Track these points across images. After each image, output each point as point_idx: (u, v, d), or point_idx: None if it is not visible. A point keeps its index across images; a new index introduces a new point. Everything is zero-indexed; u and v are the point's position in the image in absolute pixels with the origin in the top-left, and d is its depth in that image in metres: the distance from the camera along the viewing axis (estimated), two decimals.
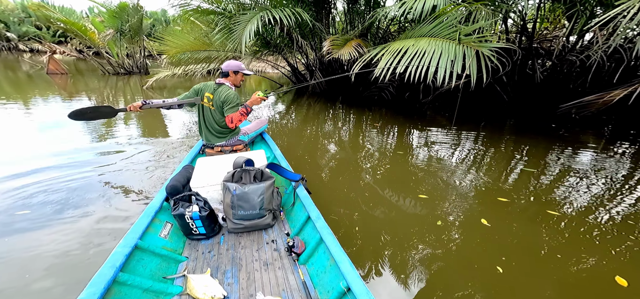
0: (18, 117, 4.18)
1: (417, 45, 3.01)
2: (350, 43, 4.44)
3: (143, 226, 1.32)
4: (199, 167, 1.78)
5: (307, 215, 1.52)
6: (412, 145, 3.70)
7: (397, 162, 3.06)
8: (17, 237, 1.75)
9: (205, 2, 5.38)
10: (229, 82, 2.16)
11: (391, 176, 2.76)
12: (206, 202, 1.50)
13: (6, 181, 2.32)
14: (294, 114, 5.39)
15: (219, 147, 2.27)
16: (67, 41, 16.74)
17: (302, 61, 6.95)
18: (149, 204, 1.51)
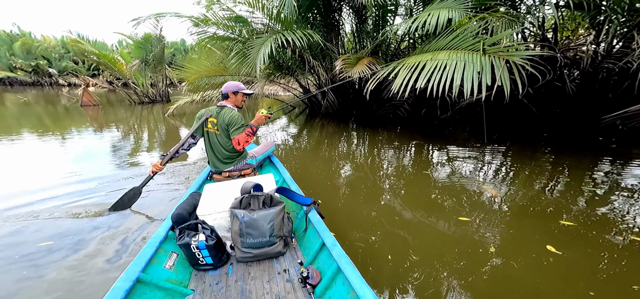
0: (54, 148, 4.21)
1: (436, 59, 2.80)
2: (362, 61, 4.32)
3: (146, 258, 1.23)
4: (206, 194, 1.68)
5: (321, 241, 1.40)
6: (438, 163, 3.39)
7: (424, 182, 2.76)
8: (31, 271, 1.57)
9: (220, 29, 5.51)
10: (230, 104, 2.07)
11: (419, 197, 2.46)
12: (213, 230, 1.40)
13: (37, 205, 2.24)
14: (305, 135, 5.23)
15: (226, 173, 2.15)
16: (100, 74, 17.96)
17: (314, 82, 6.92)
18: (154, 234, 1.41)
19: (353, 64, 4.35)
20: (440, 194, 2.49)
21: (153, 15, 4.61)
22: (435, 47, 3.10)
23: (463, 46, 2.76)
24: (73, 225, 1.99)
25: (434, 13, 3.29)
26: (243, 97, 2.13)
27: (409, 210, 2.21)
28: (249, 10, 5.18)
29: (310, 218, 1.56)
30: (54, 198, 2.38)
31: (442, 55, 2.80)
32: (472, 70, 2.41)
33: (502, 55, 2.35)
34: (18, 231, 1.91)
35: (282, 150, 4.21)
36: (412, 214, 2.14)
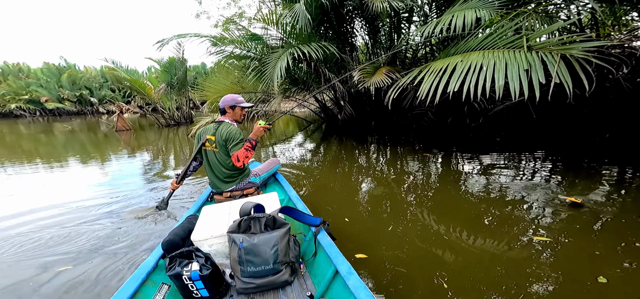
0: (92, 170, 4.27)
1: (467, 61, 2.46)
2: (380, 70, 4.04)
3: (129, 292, 1.04)
4: (203, 217, 1.49)
5: (334, 268, 1.19)
6: (475, 174, 2.95)
7: (466, 197, 2.35)
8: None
9: (237, 48, 5.52)
10: (228, 119, 1.93)
11: (456, 214, 2.06)
12: (208, 258, 1.20)
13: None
14: (321, 151, 4.95)
15: (228, 193, 1.97)
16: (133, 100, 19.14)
17: (330, 96, 6.72)
18: (142, 264, 1.22)
19: (371, 74, 4.08)
20: (491, 209, 2.07)
21: (175, 36, 4.68)
22: (465, 49, 2.75)
23: (500, 45, 2.39)
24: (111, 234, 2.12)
25: (459, 14, 2.96)
26: (242, 111, 1.98)
27: (443, 227, 1.82)
28: (264, 27, 5.16)
29: (320, 241, 1.35)
30: (96, 208, 2.60)
31: (475, 56, 2.45)
32: (516, 69, 2.03)
33: (555, 49, 1.96)
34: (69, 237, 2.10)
35: (297, 167, 3.94)
36: (449, 232, 1.75)
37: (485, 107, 3.87)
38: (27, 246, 1.98)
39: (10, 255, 1.90)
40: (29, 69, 19.22)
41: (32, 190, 3.36)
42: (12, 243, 2.05)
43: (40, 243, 2.01)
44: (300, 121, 9.28)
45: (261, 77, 4.48)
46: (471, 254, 1.61)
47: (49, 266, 1.74)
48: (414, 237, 1.84)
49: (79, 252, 1.87)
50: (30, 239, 2.08)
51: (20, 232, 2.19)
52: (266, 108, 6.25)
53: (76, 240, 2.03)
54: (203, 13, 10.09)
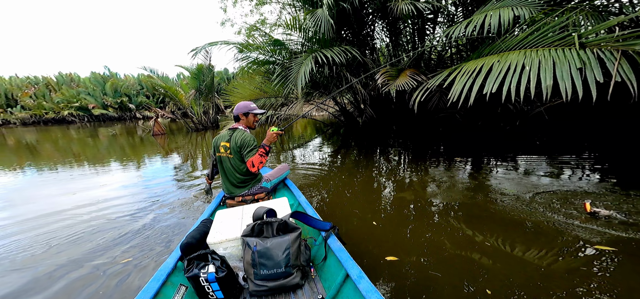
0: (130, 173, 4.52)
1: (505, 61, 2.25)
2: (405, 73, 3.87)
3: (151, 293, 1.08)
4: (217, 221, 1.51)
5: (344, 272, 1.18)
6: (511, 180, 2.71)
7: (492, 203, 2.15)
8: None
9: (261, 54, 5.62)
10: (242, 126, 1.96)
11: (490, 221, 1.87)
12: (224, 261, 1.22)
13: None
14: (341, 153, 4.86)
15: (240, 197, 1.99)
16: (166, 105, 20.27)
17: (349, 99, 6.63)
18: (161, 265, 1.25)
19: (395, 77, 3.92)
20: (531, 216, 1.86)
21: (207, 44, 4.88)
22: (502, 48, 2.53)
23: (545, 43, 2.16)
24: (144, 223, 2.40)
25: (494, 13, 2.74)
26: (255, 118, 2.00)
27: (489, 236, 1.66)
28: (287, 33, 5.20)
29: (330, 245, 1.34)
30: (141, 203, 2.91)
31: (515, 55, 2.23)
32: (567, 68, 1.80)
33: (614, 46, 1.71)
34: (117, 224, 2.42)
35: (318, 170, 3.88)
36: (495, 241, 1.59)
37: (520, 109, 3.55)
38: (98, 236, 2.19)
39: (105, 238, 2.17)
40: (79, 78, 21.19)
41: (94, 188, 3.61)
42: (86, 229, 2.34)
43: (109, 232, 2.25)
44: (319, 124, 9.26)
45: (285, 82, 4.50)
46: (508, 263, 1.48)
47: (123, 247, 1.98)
48: (446, 242, 1.74)
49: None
50: (105, 228, 2.33)
51: (92, 223, 2.46)
52: (288, 112, 6.30)
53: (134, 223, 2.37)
54: (227, 21, 10.43)
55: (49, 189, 3.67)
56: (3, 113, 19.19)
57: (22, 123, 19.19)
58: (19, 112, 19.17)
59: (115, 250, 1.95)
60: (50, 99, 19.34)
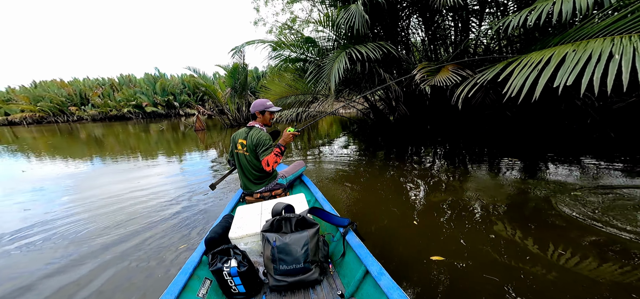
0: (174, 166, 4.94)
1: (583, 50, 1.87)
2: (446, 68, 3.52)
3: (180, 286, 1.10)
4: (238, 216, 1.52)
5: (364, 268, 1.15)
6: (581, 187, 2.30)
7: (554, 210, 1.82)
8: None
9: (293, 52, 5.61)
10: (258, 124, 1.94)
11: (551, 228, 1.57)
12: (245, 256, 1.24)
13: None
14: (373, 150, 4.64)
15: (258, 194, 2.00)
16: (205, 103, 21.68)
17: (381, 96, 6.33)
18: (188, 259, 1.28)
19: (435, 72, 3.60)
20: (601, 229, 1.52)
21: (245, 43, 5.03)
22: (578, 36, 2.12)
23: (636, 28, 1.74)
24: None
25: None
26: (271, 115, 1.99)
27: (551, 245, 1.40)
28: (319, 29, 5.11)
29: (348, 241, 1.31)
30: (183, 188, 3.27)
31: (597, 44, 1.84)
32: None
33: None
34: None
35: (351, 167, 3.74)
36: (562, 251, 1.33)
37: (591, 105, 2.98)
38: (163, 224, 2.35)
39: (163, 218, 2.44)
40: (136, 79, 23.77)
41: (150, 176, 4.00)
42: (139, 211, 2.62)
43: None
44: (346, 121, 9.05)
45: (318, 79, 4.42)
46: (568, 276, 1.29)
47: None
48: (495, 247, 1.57)
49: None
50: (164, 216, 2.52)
51: (145, 206, 2.74)
52: (318, 109, 6.23)
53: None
54: (260, 20, 10.65)
55: (110, 177, 4.11)
56: (78, 111, 22.36)
57: (92, 119, 22.18)
58: (90, 110, 22.16)
59: (156, 229, 2.20)
60: (113, 98, 21.99)
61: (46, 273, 1.73)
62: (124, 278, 1.63)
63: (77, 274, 1.70)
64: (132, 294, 1.49)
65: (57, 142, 9.45)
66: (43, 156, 6.31)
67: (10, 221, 2.56)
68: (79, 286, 1.59)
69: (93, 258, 1.86)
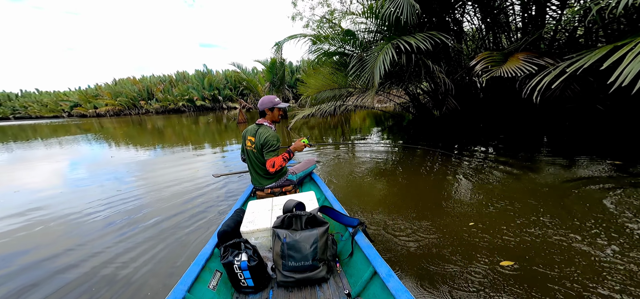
0: (214, 156, 5.36)
1: None
2: (516, 57, 2.98)
3: (192, 277, 1.11)
4: (250, 211, 1.50)
5: (372, 269, 1.10)
6: None
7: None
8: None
9: (333, 45, 5.41)
10: (267, 121, 1.89)
11: None
12: (255, 250, 1.23)
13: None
14: (413, 147, 4.25)
15: (268, 189, 1.97)
16: (245, 96, 22.87)
17: (424, 89, 5.77)
18: (201, 251, 1.28)
19: (500, 61, 3.07)
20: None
21: (288, 38, 5.03)
22: None
23: None
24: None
25: None
26: (279, 112, 1.94)
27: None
28: (360, 21, 4.81)
29: (357, 241, 1.28)
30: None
31: None
32: None
33: None
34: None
35: (393, 163, 3.47)
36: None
37: None
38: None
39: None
40: (188, 75, 26.27)
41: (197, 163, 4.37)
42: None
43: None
44: (380, 116, 8.57)
45: (361, 72, 4.18)
46: None
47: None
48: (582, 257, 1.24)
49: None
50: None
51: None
52: (356, 102, 5.99)
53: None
54: (297, 15, 10.54)
55: (167, 163, 4.59)
56: (146, 105, 25.72)
57: (155, 112, 25.32)
58: (154, 104, 25.29)
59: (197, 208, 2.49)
60: (171, 93, 24.69)
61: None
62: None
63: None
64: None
65: (131, 131, 10.98)
66: (122, 144, 7.39)
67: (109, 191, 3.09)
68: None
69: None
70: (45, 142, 8.93)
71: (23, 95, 35.97)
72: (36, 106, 32.77)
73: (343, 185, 2.92)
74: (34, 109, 32.83)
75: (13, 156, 6.44)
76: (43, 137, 10.47)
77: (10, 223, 2.50)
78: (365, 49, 4.89)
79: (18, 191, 3.50)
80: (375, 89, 5.02)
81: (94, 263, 1.79)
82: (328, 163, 3.85)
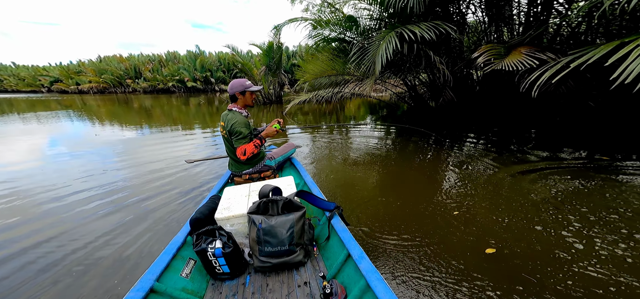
0: (204, 138, 5.20)
1: None
2: (518, 51, 2.96)
3: (162, 265, 1.07)
4: (225, 198, 1.46)
5: (346, 252, 1.14)
6: None
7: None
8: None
9: (333, 31, 5.21)
10: (237, 107, 1.79)
11: None
12: (230, 237, 1.21)
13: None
14: (399, 139, 4.27)
15: (247, 175, 1.91)
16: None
17: (422, 79, 5.74)
18: (172, 239, 1.24)
19: (502, 55, 3.05)
20: None
21: (288, 21, 4.79)
22: None
23: None
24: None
25: None
26: (252, 95, 1.83)
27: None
28: (364, 8, 4.64)
29: (333, 225, 1.30)
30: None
31: None
32: None
33: None
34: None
35: (372, 154, 3.47)
36: None
37: None
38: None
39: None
40: (179, 56, 24.92)
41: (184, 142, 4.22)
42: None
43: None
44: (374, 104, 8.52)
45: (361, 60, 4.07)
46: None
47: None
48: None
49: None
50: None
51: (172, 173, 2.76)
52: (356, 90, 5.89)
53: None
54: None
55: (153, 143, 4.42)
56: (133, 83, 24.38)
57: (143, 91, 24.09)
58: (142, 83, 24.01)
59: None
60: (161, 73, 23.47)
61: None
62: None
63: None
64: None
65: (116, 109, 10.44)
66: (106, 122, 7.00)
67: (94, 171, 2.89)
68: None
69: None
70: (28, 116, 8.32)
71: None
72: (13, 80, 30.40)
73: (326, 168, 2.94)
74: (9, 83, 30.47)
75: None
76: (20, 112, 9.76)
77: None
78: (366, 36, 4.74)
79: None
80: (374, 77, 4.94)
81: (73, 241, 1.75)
82: (319, 147, 3.82)
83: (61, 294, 1.36)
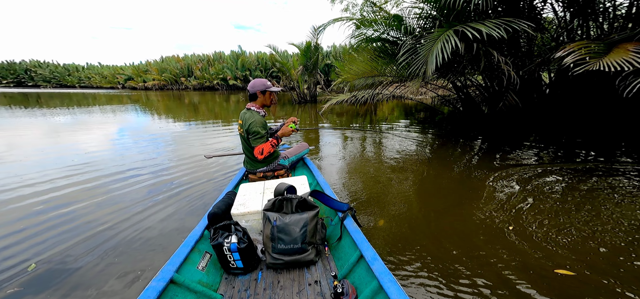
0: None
1: None
2: (625, 47, 2.35)
3: (181, 258, 1.08)
4: (241, 194, 1.46)
5: (358, 253, 1.11)
6: None
7: None
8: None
9: (377, 30, 4.92)
10: (255, 106, 1.78)
11: None
12: (245, 233, 1.21)
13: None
14: (437, 142, 3.77)
15: (261, 173, 1.91)
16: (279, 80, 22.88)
17: (474, 81, 5.08)
18: (191, 232, 1.25)
19: (600, 53, 2.46)
20: None
21: (332, 20, 4.70)
22: None
23: None
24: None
25: None
26: (271, 95, 1.82)
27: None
28: (413, 4, 4.26)
29: (346, 226, 1.26)
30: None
31: None
32: None
33: None
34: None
35: (404, 161, 3.09)
36: None
37: None
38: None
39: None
40: (224, 56, 26.97)
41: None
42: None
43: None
44: (411, 107, 7.88)
45: (411, 61, 3.74)
46: None
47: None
48: None
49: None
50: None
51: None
52: (398, 92, 5.52)
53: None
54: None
55: (198, 136, 4.81)
56: (185, 81, 27.17)
57: (193, 88, 26.69)
58: (193, 80, 26.61)
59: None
60: (208, 71, 25.67)
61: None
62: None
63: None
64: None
65: (171, 104, 11.71)
66: (164, 116, 7.87)
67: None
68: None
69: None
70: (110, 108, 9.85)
71: (88, 67, 40.22)
72: (98, 77, 36.52)
73: (344, 168, 2.88)
74: (95, 80, 36.65)
75: (76, 120, 7.18)
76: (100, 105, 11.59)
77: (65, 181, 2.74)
78: (414, 35, 4.35)
79: (88, 153, 3.83)
80: (424, 79, 4.52)
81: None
82: (354, 147, 3.63)
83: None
